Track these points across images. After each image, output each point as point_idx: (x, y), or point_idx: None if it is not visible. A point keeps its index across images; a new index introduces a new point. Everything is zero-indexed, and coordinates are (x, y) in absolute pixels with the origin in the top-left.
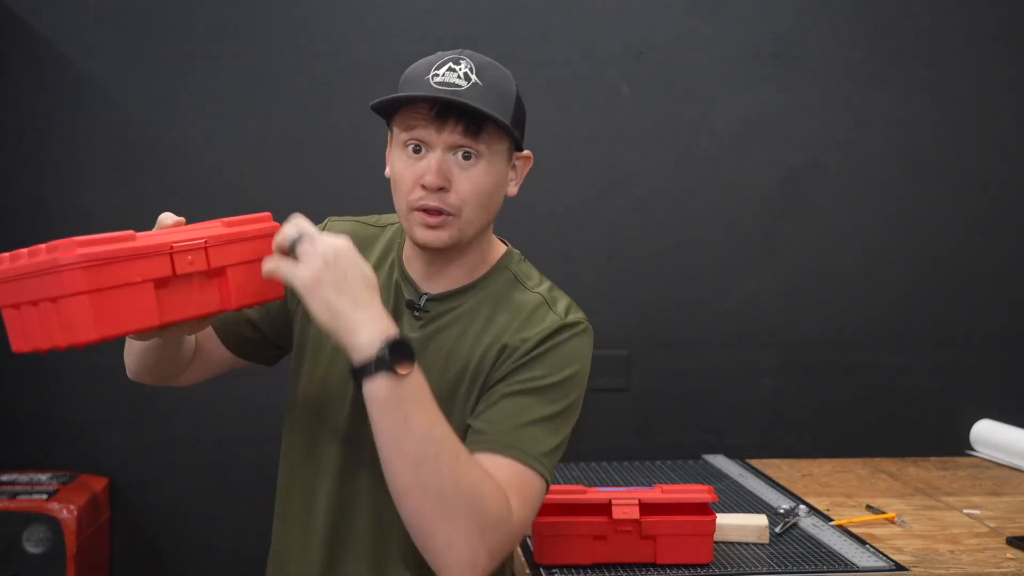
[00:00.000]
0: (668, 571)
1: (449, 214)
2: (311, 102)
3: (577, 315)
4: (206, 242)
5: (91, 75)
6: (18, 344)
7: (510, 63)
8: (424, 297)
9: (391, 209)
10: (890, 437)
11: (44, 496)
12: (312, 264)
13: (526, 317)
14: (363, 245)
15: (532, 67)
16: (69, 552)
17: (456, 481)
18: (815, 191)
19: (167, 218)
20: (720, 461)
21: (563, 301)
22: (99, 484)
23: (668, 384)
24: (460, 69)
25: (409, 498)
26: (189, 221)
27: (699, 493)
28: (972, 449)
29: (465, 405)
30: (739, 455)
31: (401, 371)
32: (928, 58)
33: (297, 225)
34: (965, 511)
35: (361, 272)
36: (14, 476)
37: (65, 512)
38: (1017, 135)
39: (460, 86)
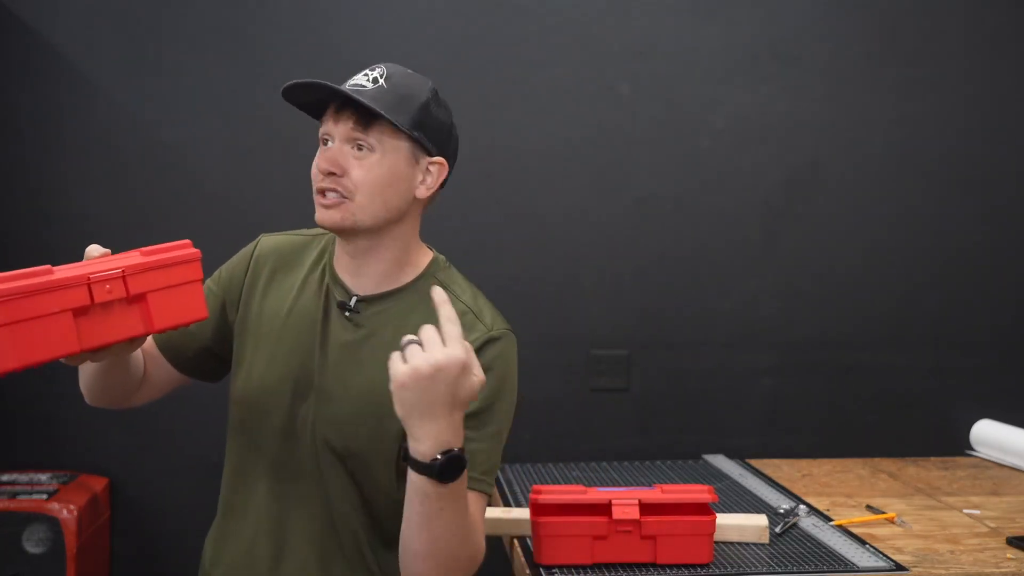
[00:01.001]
0: (668, 571)
1: (342, 196)
2: None
3: (502, 325)
4: (123, 271)
5: (91, 75)
6: None
7: (510, 63)
8: (354, 298)
9: None
10: (890, 437)
11: (44, 496)
12: (409, 370)
13: None
14: (293, 254)
15: (532, 67)
16: (69, 552)
17: (459, 554)
18: (815, 191)
19: (94, 250)
20: (720, 461)
21: (488, 311)
22: (99, 484)
23: (668, 384)
24: (373, 73)
25: (419, 560)
26: (187, 219)
27: (699, 493)
28: (972, 449)
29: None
30: (739, 455)
31: (447, 483)
32: (928, 58)
33: (424, 332)
34: (965, 511)
35: (452, 393)
36: (14, 476)
37: (65, 512)
38: (1017, 135)
39: (364, 87)
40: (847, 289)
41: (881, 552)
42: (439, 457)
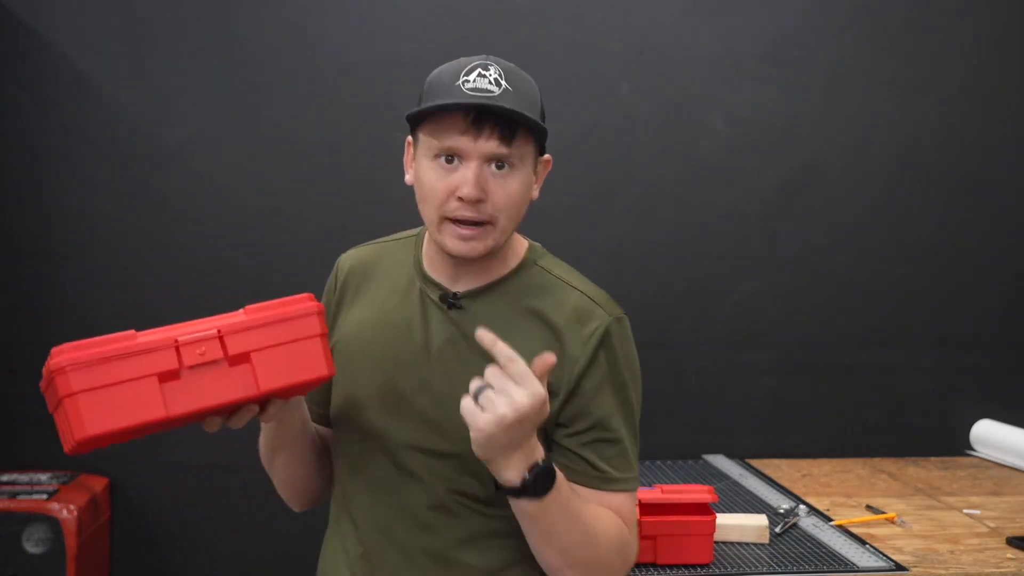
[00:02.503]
0: (668, 571)
1: (487, 223)
2: (311, 103)
3: (616, 307)
4: (219, 331)
5: (91, 75)
6: (65, 444)
7: (510, 63)
8: (455, 294)
9: (389, 207)
10: (890, 437)
11: (44, 496)
12: (494, 419)
13: (572, 317)
14: (374, 264)
15: (532, 67)
16: (69, 552)
17: (600, 554)
18: (815, 191)
19: None
20: (720, 461)
21: (599, 294)
22: (99, 484)
23: (668, 384)
24: (490, 75)
25: (562, 572)
26: (187, 222)
27: (699, 493)
28: (972, 449)
29: None
30: (739, 455)
31: (543, 496)
32: (928, 58)
33: (492, 376)
34: (965, 511)
35: (534, 425)
36: (14, 476)
37: (65, 512)
38: (1017, 135)
39: (493, 92)
40: (847, 289)
41: (881, 552)
42: (527, 476)
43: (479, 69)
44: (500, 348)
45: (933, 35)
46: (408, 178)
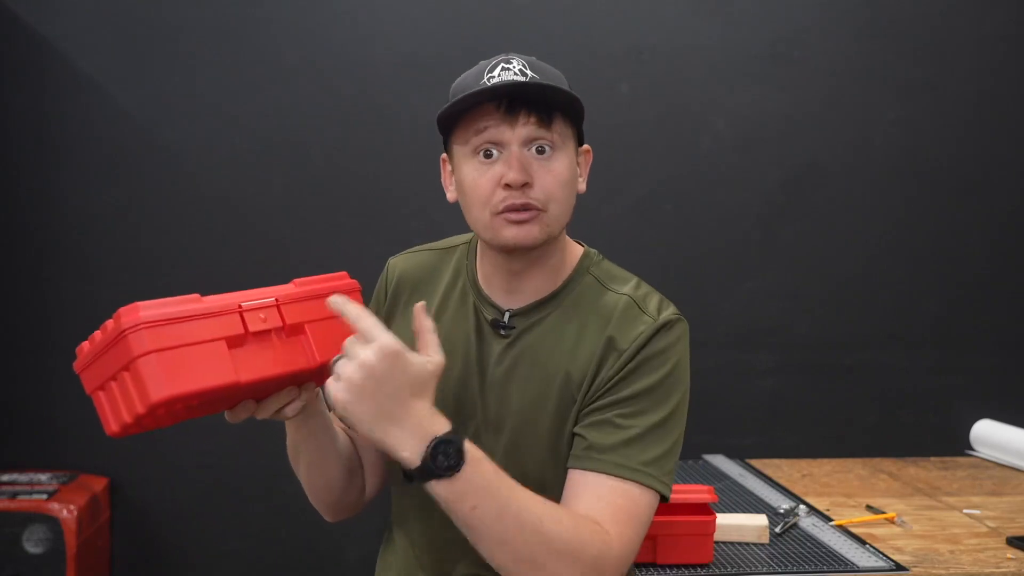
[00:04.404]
0: (668, 571)
1: (537, 208)
2: (311, 102)
3: (668, 311)
4: (277, 300)
5: (91, 75)
6: (110, 426)
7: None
8: (507, 314)
9: (389, 207)
10: (890, 437)
11: (44, 496)
12: (343, 385)
13: (617, 322)
14: (426, 272)
15: None
16: (69, 552)
17: (546, 543)
18: (815, 191)
19: None
20: (720, 461)
21: (653, 298)
22: (99, 484)
23: None
24: (514, 67)
25: (506, 570)
26: (187, 221)
27: (699, 493)
28: (972, 449)
29: (563, 423)
30: (739, 455)
31: (451, 473)
32: (928, 59)
33: (345, 343)
34: (965, 511)
35: (398, 385)
36: (14, 476)
37: (65, 512)
38: (1017, 136)
39: (521, 80)
40: (847, 289)
41: (881, 552)
42: (425, 452)
43: (502, 64)
44: (348, 309)
45: (933, 35)
46: (450, 195)
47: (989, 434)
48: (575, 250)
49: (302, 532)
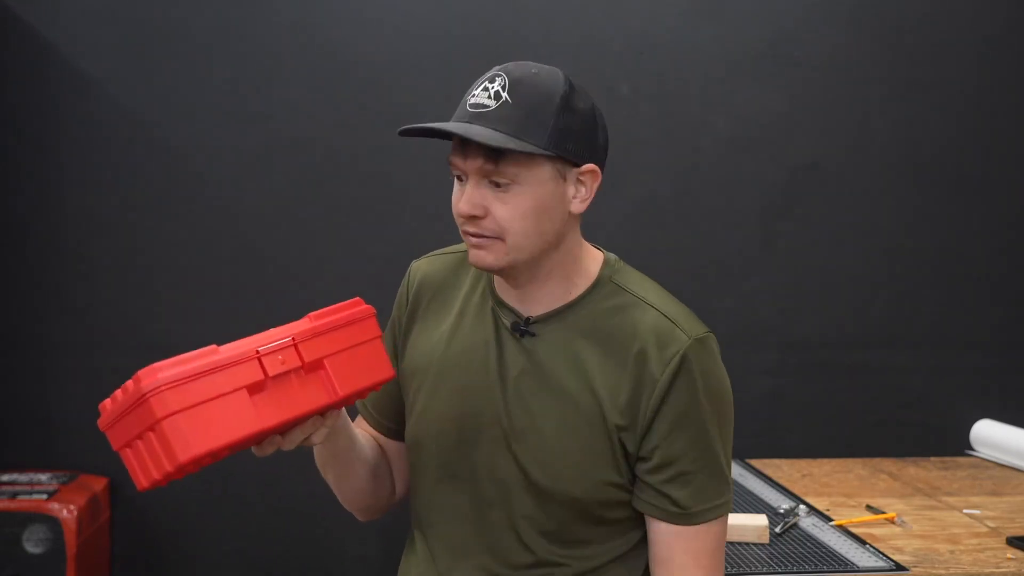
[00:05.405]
0: None
1: (490, 237)
2: (311, 102)
3: (699, 326)
4: (293, 339)
5: (91, 75)
6: (140, 483)
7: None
8: (527, 319)
9: (391, 207)
10: (890, 437)
11: (44, 496)
12: None
13: (650, 340)
14: (448, 275)
15: None
16: (69, 552)
17: None
18: (815, 191)
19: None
20: None
21: (680, 313)
22: (99, 484)
23: None
24: (493, 87)
25: None
26: (188, 221)
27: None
28: (972, 449)
29: (594, 439)
30: (739, 455)
31: None
32: (928, 59)
33: None
34: (965, 511)
35: None
36: (14, 476)
37: (65, 512)
38: (1017, 136)
39: (488, 106)
40: (847, 289)
41: (881, 552)
42: None
43: (486, 82)
44: None
45: (933, 35)
46: None
47: (989, 434)
48: (594, 257)
49: (302, 532)
